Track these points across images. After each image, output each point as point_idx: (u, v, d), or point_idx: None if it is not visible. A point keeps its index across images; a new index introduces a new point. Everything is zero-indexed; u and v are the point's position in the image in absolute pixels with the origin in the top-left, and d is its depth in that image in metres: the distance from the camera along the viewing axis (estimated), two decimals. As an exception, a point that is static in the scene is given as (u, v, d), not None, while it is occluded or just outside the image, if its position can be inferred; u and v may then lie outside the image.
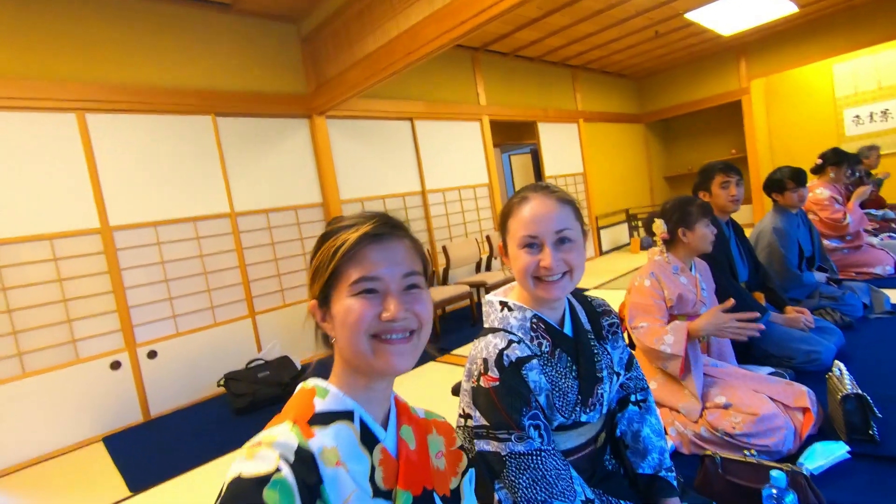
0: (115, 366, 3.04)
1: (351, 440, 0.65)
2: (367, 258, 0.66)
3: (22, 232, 2.78)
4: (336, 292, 0.67)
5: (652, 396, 1.19)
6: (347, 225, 0.69)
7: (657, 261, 1.97)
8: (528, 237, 1.00)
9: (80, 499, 2.20)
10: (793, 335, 2.22)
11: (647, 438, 1.12)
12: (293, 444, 0.59)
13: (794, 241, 2.90)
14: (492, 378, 0.96)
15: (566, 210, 1.01)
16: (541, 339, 1.04)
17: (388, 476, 0.67)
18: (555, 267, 0.98)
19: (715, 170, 2.40)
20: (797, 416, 1.63)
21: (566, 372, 1.03)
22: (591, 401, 1.04)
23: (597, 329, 1.12)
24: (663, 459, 1.11)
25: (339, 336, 0.67)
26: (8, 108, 2.76)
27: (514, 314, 1.05)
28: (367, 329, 0.65)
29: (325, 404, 0.67)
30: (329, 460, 0.61)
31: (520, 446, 0.93)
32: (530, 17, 4.78)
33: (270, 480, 0.54)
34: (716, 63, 7.34)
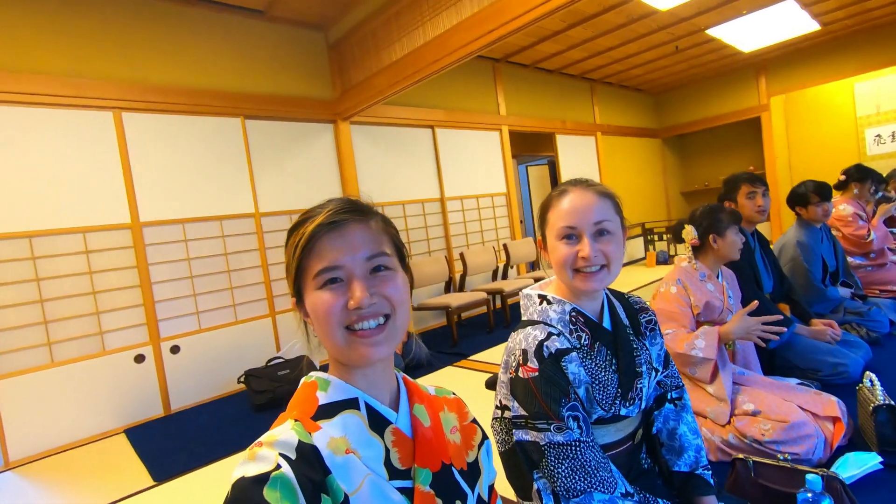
0: (139, 359, 3.10)
1: (359, 427, 0.65)
2: (326, 248, 0.64)
3: (57, 224, 2.86)
4: (305, 287, 0.67)
5: (687, 395, 1.19)
6: (307, 217, 0.67)
7: (684, 267, 1.98)
8: (566, 228, 1.01)
9: (106, 486, 2.24)
10: (819, 347, 2.21)
11: (684, 436, 1.12)
12: (293, 441, 0.59)
13: (817, 255, 2.88)
14: (531, 368, 0.97)
15: (605, 203, 1.02)
16: (580, 332, 1.04)
17: (404, 456, 0.67)
18: (593, 258, 0.98)
19: (741, 180, 2.41)
20: (827, 426, 1.62)
21: (606, 365, 1.04)
22: (631, 395, 1.04)
23: (635, 325, 1.13)
24: (699, 457, 1.11)
25: (317, 330, 0.67)
26: (49, 105, 2.86)
27: (553, 307, 1.06)
28: (338, 321, 0.64)
29: (328, 396, 0.66)
30: (338, 449, 0.61)
31: (559, 437, 0.94)
32: (553, 29, 4.85)
33: (270, 478, 0.54)
34: (735, 79, 7.35)
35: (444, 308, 4.00)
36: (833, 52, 6.41)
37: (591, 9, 4.47)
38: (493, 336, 4.10)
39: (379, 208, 2.89)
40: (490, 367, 3.25)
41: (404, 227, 4.61)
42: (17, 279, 2.74)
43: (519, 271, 5.59)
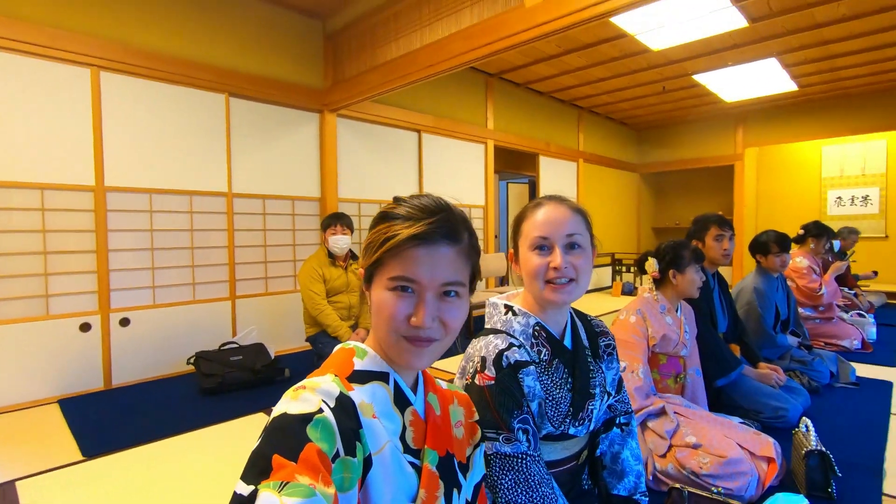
0: (84, 327, 2.96)
1: (385, 399, 0.70)
2: (410, 258, 0.66)
3: (13, 177, 2.72)
4: (377, 278, 0.70)
5: (635, 421, 1.22)
6: (404, 215, 0.69)
7: (646, 298, 2.03)
8: (539, 238, 1.03)
9: (30, 456, 2.12)
10: (763, 390, 2.29)
11: (626, 461, 1.14)
12: (335, 391, 0.63)
13: (772, 302, 3.00)
14: (487, 377, 0.98)
15: (577, 218, 1.06)
16: (541, 347, 1.06)
17: (417, 436, 0.72)
18: (563, 268, 1.00)
19: (711, 221, 2.49)
20: (762, 465, 1.68)
21: (561, 383, 1.05)
22: (582, 415, 1.05)
23: (594, 347, 1.15)
24: (639, 483, 1.13)
25: (373, 317, 0.70)
26: (22, 52, 2.73)
27: (517, 319, 1.08)
28: (395, 328, 0.67)
29: (364, 364, 0.71)
30: (366, 412, 0.65)
31: (506, 447, 0.94)
32: (548, 52, 4.95)
33: (313, 419, 0.57)
34: (715, 126, 7.65)
35: (408, 312, 3.97)
36: (807, 113, 6.76)
37: (588, 38, 4.58)
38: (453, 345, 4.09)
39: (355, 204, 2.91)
40: (448, 376, 3.23)
41: (379, 226, 4.57)
42: (-37, 229, 2.59)
43: (488, 284, 5.63)
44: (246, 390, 2.97)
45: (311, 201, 4.07)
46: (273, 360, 3.16)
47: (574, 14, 2.50)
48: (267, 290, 3.81)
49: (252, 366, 3.04)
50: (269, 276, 3.82)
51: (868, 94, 6.25)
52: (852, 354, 3.48)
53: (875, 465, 1.88)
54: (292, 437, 0.55)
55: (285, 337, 3.86)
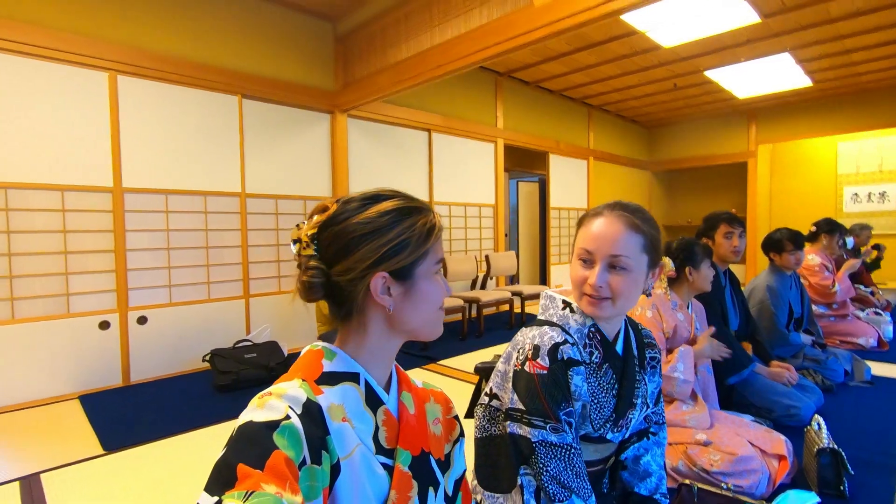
0: (103, 325, 3.03)
1: (356, 400, 0.69)
2: (440, 242, 0.75)
3: (35, 179, 2.80)
4: (423, 269, 0.72)
5: (665, 432, 1.20)
6: (421, 207, 0.74)
7: (658, 294, 2.03)
8: (584, 251, 1.03)
9: (53, 450, 2.18)
10: (775, 388, 2.28)
11: (648, 464, 1.15)
12: (301, 397, 0.62)
13: (785, 300, 2.98)
14: (541, 366, 0.98)
15: (632, 238, 1.00)
16: (593, 349, 1.05)
17: (390, 436, 0.71)
18: (597, 288, 0.99)
19: (721, 219, 2.48)
20: (773, 463, 1.68)
21: (608, 388, 1.05)
22: (622, 422, 1.06)
23: (641, 358, 1.14)
24: (660, 485, 1.14)
25: (414, 309, 0.72)
26: (44, 58, 2.80)
27: (575, 317, 1.06)
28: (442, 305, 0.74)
29: (333, 365, 0.70)
30: (335, 415, 0.65)
31: (553, 437, 0.95)
32: (558, 50, 4.94)
33: (280, 425, 0.56)
34: (727, 123, 7.57)
35: (419, 310, 4.00)
36: (822, 109, 6.66)
37: (598, 36, 4.57)
38: (464, 344, 4.12)
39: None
40: (459, 374, 3.26)
41: (390, 225, 4.60)
42: (-13, 229, 2.67)
43: (498, 283, 5.64)
44: (260, 387, 2.98)
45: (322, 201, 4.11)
46: (286, 358, 3.21)
47: (583, 13, 2.50)
48: (280, 289, 3.86)
49: (266, 363, 3.10)
50: (281, 274, 3.88)
51: (885, 88, 6.14)
52: (868, 353, 3.44)
53: (889, 463, 1.87)
54: (258, 444, 0.54)
55: (298, 335, 3.91)
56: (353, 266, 0.68)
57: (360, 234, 0.68)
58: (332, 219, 0.70)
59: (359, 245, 0.68)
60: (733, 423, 1.82)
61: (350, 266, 0.68)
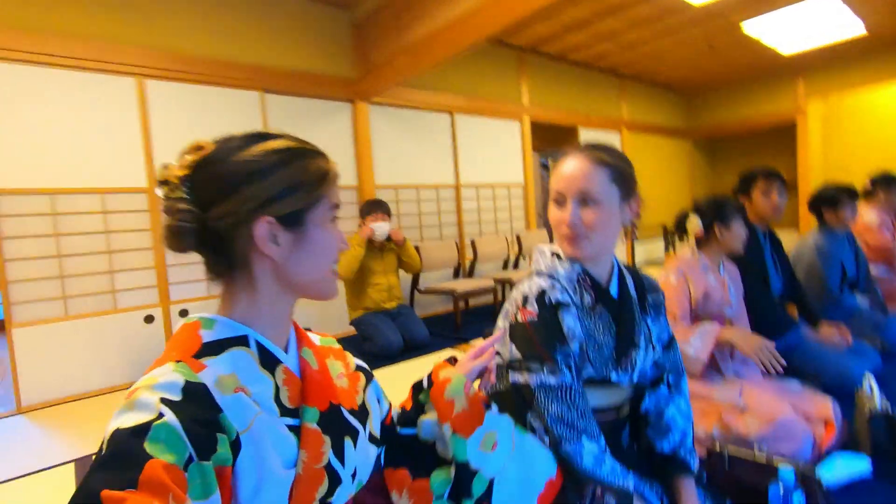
0: (148, 319, 3.20)
1: (249, 363, 0.63)
2: (336, 188, 0.70)
3: (77, 184, 2.96)
4: (316, 216, 0.66)
5: (686, 381, 1.15)
6: (313, 150, 0.69)
7: (685, 257, 1.93)
8: (556, 192, 1.04)
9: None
10: (824, 352, 2.13)
11: (672, 419, 1.09)
12: (179, 381, 0.54)
13: (836, 261, 2.77)
14: (530, 312, 1.00)
15: (599, 171, 1.01)
16: (584, 292, 1.05)
17: (293, 395, 0.67)
18: (571, 225, 1.00)
19: (757, 175, 2.33)
20: (818, 428, 1.57)
21: (604, 328, 1.04)
22: (624, 361, 1.04)
23: (641, 300, 1.12)
24: (685, 440, 1.07)
25: (306, 260, 0.66)
26: (75, 68, 2.95)
27: (562, 263, 1.07)
28: (335, 256, 0.69)
29: (214, 334, 0.63)
30: (227, 387, 0.58)
31: (551, 379, 0.95)
32: (581, 18, 4.75)
33: (151, 428, 0.48)
34: (771, 81, 7.09)
35: (450, 293, 4.00)
36: (879, 54, 6.11)
37: (620, -1, 4.36)
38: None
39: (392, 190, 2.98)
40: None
41: (417, 210, 4.61)
42: (38, 233, 2.85)
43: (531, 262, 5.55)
44: (296, 372, 3.10)
45: (349, 190, 4.16)
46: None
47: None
48: (312, 278, 3.94)
49: (300, 349, 3.17)
50: (313, 264, 3.95)
51: (952, 27, 5.56)
52: (936, 315, 3.15)
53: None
54: (127, 460, 0.46)
55: (330, 322, 3.99)
56: (235, 209, 0.61)
57: (243, 174, 0.62)
58: (209, 158, 0.63)
59: (240, 185, 0.61)
60: (774, 388, 1.71)
61: (230, 210, 0.61)
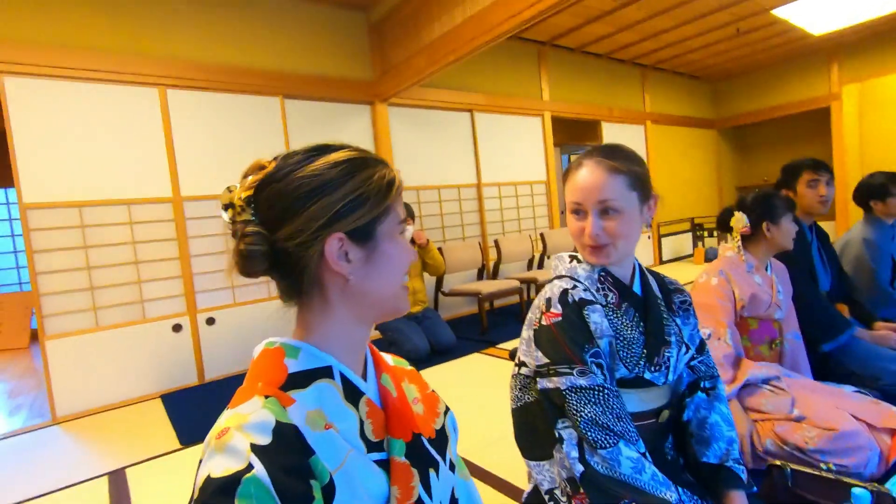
0: (176, 328, 3.21)
1: (335, 397, 0.60)
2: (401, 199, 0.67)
3: (104, 196, 2.99)
4: (385, 228, 0.62)
5: (722, 385, 1.11)
6: (376, 159, 0.64)
7: (729, 257, 1.82)
8: (574, 204, 1.02)
9: (138, 447, 2.33)
10: (881, 353, 1.99)
11: (715, 426, 1.04)
12: (269, 422, 0.52)
13: (886, 254, 2.61)
14: (554, 314, 0.97)
15: (615, 179, 0.98)
16: (607, 291, 1.02)
17: (377, 428, 0.63)
18: (595, 236, 0.98)
19: (803, 167, 2.20)
20: (884, 438, 1.45)
21: (632, 325, 1.00)
22: (657, 360, 0.98)
23: (667, 300, 1.08)
24: (731, 450, 1.01)
25: (377, 276, 0.62)
26: (99, 80, 2.97)
27: (582, 265, 1.05)
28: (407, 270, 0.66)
29: (299, 363, 0.60)
30: (317, 424, 0.56)
31: (581, 380, 0.91)
32: (602, 9, 4.62)
33: (241, 483, 0.47)
34: (802, 66, 6.81)
35: (475, 295, 3.93)
36: (919, 35, 5.80)
37: (644, -13, 4.22)
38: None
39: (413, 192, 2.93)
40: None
41: (439, 211, 4.56)
42: (68, 246, 2.88)
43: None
44: (323, 379, 3.07)
45: (370, 193, 4.12)
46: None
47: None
48: (336, 283, 3.92)
49: (326, 356, 3.14)
50: (336, 269, 3.93)
51: None
52: None
53: None
54: None
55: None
56: (303, 227, 0.58)
57: (308, 190, 0.58)
58: (271, 176, 0.60)
59: (307, 202, 0.58)
60: (831, 395, 1.59)
61: (299, 227, 0.58)
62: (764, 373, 1.62)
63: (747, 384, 1.62)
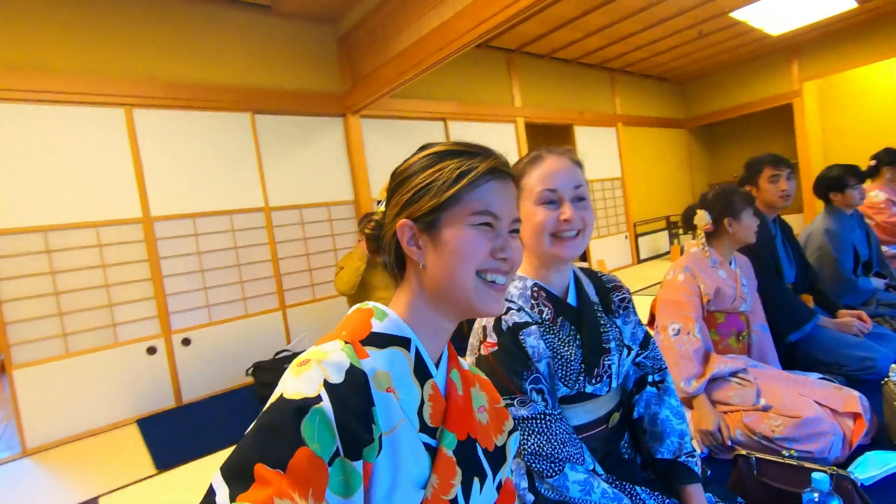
0: (150, 351, 3.15)
1: (404, 368, 0.63)
2: (492, 193, 0.64)
3: (71, 219, 2.93)
4: (451, 217, 0.63)
5: (670, 378, 1.13)
6: (474, 152, 0.66)
7: (693, 253, 1.87)
8: (547, 191, 0.99)
9: (110, 475, 2.27)
10: (845, 341, 2.05)
11: (666, 421, 1.06)
12: (344, 363, 0.56)
13: (848, 244, 2.69)
14: (491, 343, 0.96)
15: (578, 170, 1.03)
16: (541, 307, 1.01)
17: (435, 413, 0.65)
18: (574, 220, 0.97)
19: (763, 162, 2.26)
20: (846, 423, 1.49)
21: (569, 340, 1.00)
22: (598, 371, 0.99)
23: (605, 303, 1.09)
24: (683, 444, 1.04)
25: (442, 265, 0.63)
26: (62, 102, 2.92)
27: (514, 283, 1.04)
28: (480, 263, 0.63)
29: (384, 326, 0.64)
30: (381, 384, 0.59)
31: (523, 410, 0.92)
32: (568, 16, 4.71)
33: (310, 411, 0.51)
34: (764, 65, 7.02)
35: (455, 302, 3.93)
36: (872, 31, 6.03)
37: (607, -7, 4.32)
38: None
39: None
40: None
41: (416, 220, 4.56)
42: (34, 272, 2.81)
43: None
44: (303, 395, 3.04)
45: (345, 205, 4.12)
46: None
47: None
48: (314, 297, 3.90)
49: (306, 371, 3.11)
50: (314, 283, 3.91)
51: (944, -3, 5.49)
52: (955, 291, 3.06)
53: None
54: (283, 438, 0.49)
55: (338, 340, 3.93)
56: (389, 213, 0.67)
57: (398, 181, 0.67)
58: (395, 171, 0.69)
59: (394, 192, 0.67)
60: (796, 384, 1.64)
61: (388, 214, 0.67)
62: (730, 366, 1.66)
63: (714, 378, 1.66)
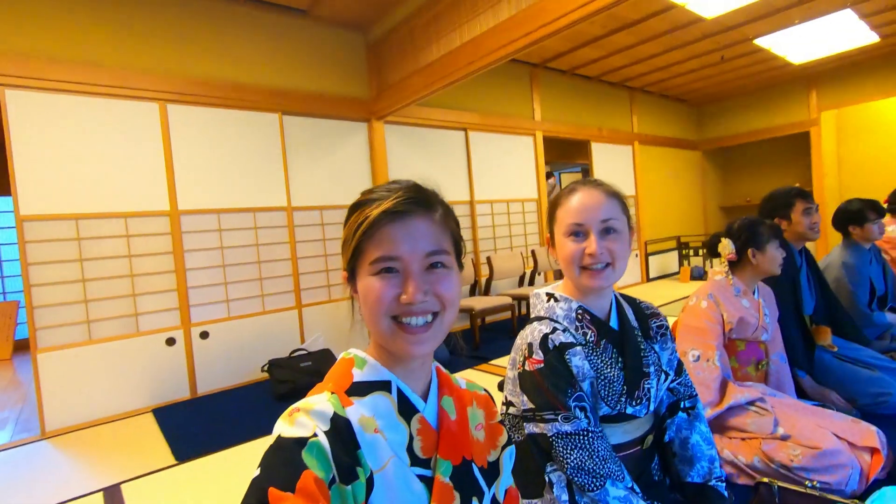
0: (170, 342, 3.20)
1: (388, 410, 0.66)
2: (388, 236, 0.63)
3: (101, 208, 3.00)
4: (359, 268, 0.66)
5: (701, 404, 1.17)
6: (372, 199, 0.66)
7: (718, 281, 1.90)
8: (574, 225, 1.03)
9: (131, 462, 2.32)
10: (859, 375, 2.08)
11: (696, 446, 1.09)
12: (328, 412, 0.61)
13: (865, 277, 2.72)
14: (536, 360, 0.99)
15: (612, 202, 1.04)
16: (585, 329, 1.05)
17: (426, 445, 0.68)
18: (599, 255, 1.00)
19: (794, 195, 2.29)
20: (864, 457, 1.52)
21: (611, 362, 1.04)
22: (638, 394, 1.03)
23: (644, 328, 1.12)
24: (713, 468, 1.08)
25: (364, 313, 0.67)
26: (101, 95, 3.00)
27: (559, 304, 1.08)
28: (386, 311, 0.63)
29: (363, 374, 0.67)
30: (367, 427, 0.63)
31: (566, 426, 0.95)
32: (593, 34, 4.78)
33: (308, 443, 0.57)
34: (783, 92, 7.07)
35: (467, 311, 3.98)
36: (892, 63, 6.07)
37: (634, 14, 4.39)
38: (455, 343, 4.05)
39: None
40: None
41: (433, 228, 4.61)
42: (63, 258, 2.88)
43: (546, 278, 5.52)
44: (317, 394, 3.08)
45: (365, 208, 4.17)
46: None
47: (616, -9, 2.40)
48: (330, 298, 3.95)
49: (320, 370, 3.16)
50: (331, 283, 3.96)
51: (967, 36, 5.52)
52: (968, 330, 3.08)
53: None
54: (288, 464, 0.55)
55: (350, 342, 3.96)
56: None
57: None
58: None
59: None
60: (814, 414, 1.67)
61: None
62: (747, 396, 1.69)
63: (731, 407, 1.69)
